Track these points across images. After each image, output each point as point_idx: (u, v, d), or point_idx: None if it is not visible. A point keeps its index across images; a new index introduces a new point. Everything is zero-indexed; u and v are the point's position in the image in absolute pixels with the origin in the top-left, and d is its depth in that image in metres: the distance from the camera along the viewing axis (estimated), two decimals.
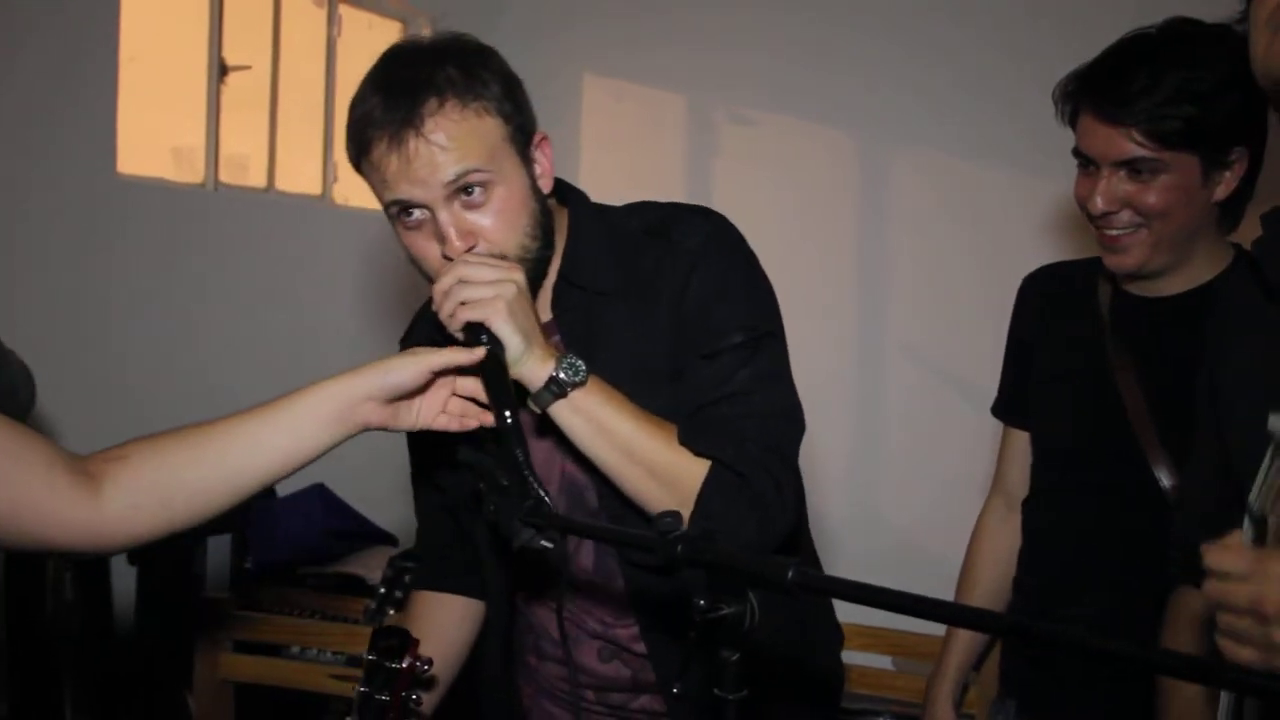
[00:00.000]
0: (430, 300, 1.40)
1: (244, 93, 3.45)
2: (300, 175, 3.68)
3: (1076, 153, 1.72)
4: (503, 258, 1.38)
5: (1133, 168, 1.64)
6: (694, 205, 1.54)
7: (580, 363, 1.36)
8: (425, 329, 1.57)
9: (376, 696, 1.37)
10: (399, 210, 1.39)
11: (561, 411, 1.37)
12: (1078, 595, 1.76)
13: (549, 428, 1.42)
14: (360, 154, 1.40)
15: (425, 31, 3.88)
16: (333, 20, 3.72)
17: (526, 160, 1.43)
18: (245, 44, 3.44)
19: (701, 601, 0.99)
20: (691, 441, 1.39)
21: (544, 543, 1.20)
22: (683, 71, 3.79)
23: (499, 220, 1.38)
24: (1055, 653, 1.75)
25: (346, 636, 2.60)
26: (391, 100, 1.36)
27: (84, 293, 2.87)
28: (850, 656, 2.57)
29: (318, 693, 2.62)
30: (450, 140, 1.35)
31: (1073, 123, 1.73)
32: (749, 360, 1.44)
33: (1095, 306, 1.80)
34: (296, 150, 3.66)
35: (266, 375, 3.38)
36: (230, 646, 2.63)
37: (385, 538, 3.29)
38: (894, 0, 3.55)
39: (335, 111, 3.74)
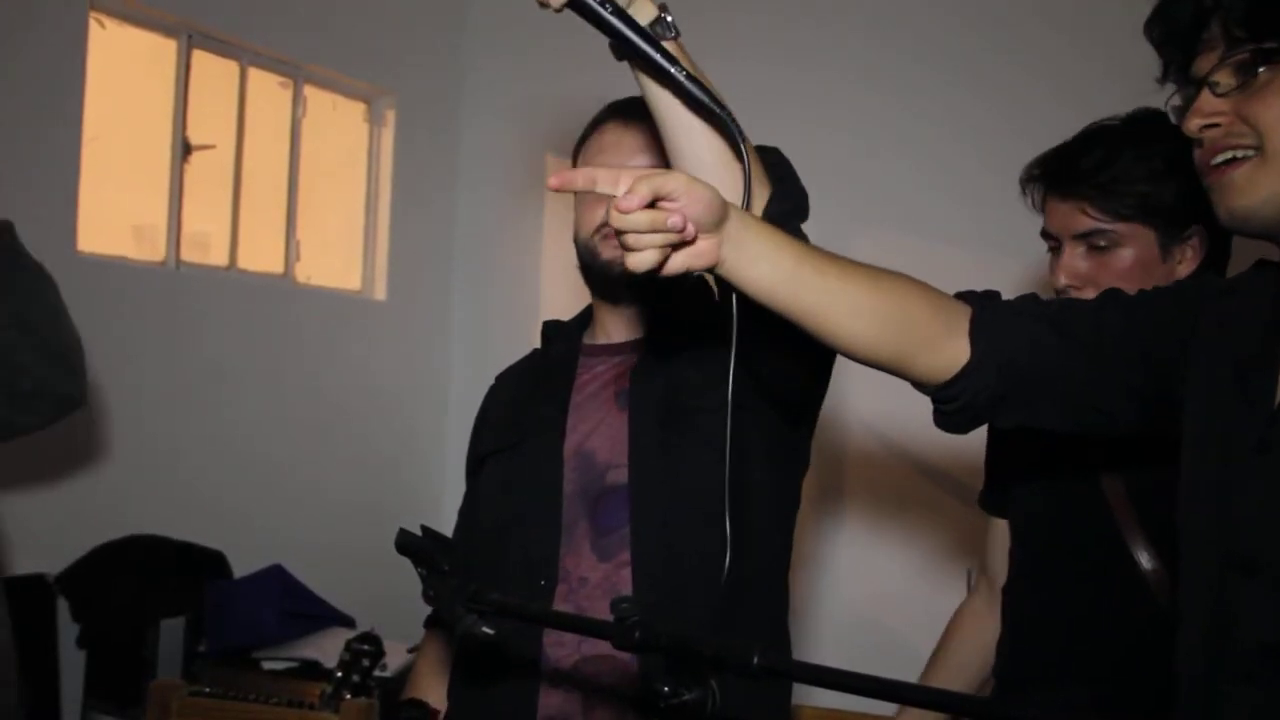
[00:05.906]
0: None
1: (207, 171, 3.45)
2: (262, 254, 3.67)
3: (1044, 234, 1.75)
4: None
5: (1091, 242, 1.66)
6: None
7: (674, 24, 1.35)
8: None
9: None
10: None
11: None
12: (1063, 683, 1.70)
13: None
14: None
15: (389, 113, 3.93)
16: (298, 101, 3.74)
17: None
18: (210, 123, 3.45)
19: (665, 688, 0.97)
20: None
21: (485, 630, 1.17)
22: None
23: None
24: None
25: None
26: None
27: None
28: None
29: None
30: None
31: (1042, 207, 1.76)
32: None
33: None
34: (259, 229, 3.66)
35: (226, 453, 3.35)
36: None
37: (343, 620, 3.23)
38: (858, 92, 3.63)
39: (298, 190, 3.75)
